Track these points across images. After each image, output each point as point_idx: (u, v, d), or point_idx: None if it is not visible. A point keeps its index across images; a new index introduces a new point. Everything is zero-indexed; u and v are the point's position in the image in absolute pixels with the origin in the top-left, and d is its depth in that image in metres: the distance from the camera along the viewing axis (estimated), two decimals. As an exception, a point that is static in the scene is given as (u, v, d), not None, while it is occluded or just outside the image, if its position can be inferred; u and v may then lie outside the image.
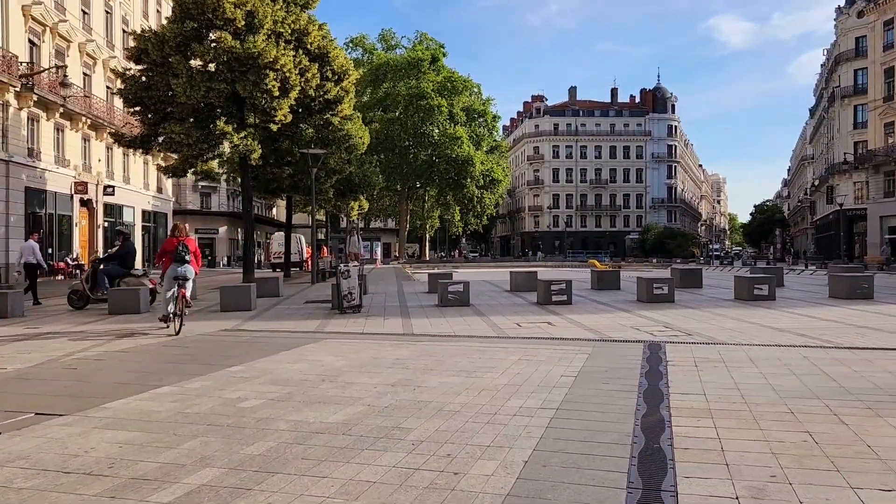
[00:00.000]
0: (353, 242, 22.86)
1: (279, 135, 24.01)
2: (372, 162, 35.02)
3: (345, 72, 22.62)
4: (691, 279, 17.46)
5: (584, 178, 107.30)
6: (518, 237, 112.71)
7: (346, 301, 12.86)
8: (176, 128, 19.79)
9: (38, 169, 30.33)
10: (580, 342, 9.06)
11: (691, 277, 17.64)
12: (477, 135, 71.14)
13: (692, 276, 17.79)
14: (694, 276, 17.97)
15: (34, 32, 30.28)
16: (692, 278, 17.63)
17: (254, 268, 23.06)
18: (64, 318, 12.73)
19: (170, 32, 20.55)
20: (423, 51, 69.49)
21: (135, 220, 42.21)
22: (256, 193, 28.11)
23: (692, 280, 17.53)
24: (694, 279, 17.69)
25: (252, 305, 13.41)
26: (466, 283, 13.95)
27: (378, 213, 77.07)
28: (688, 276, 17.36)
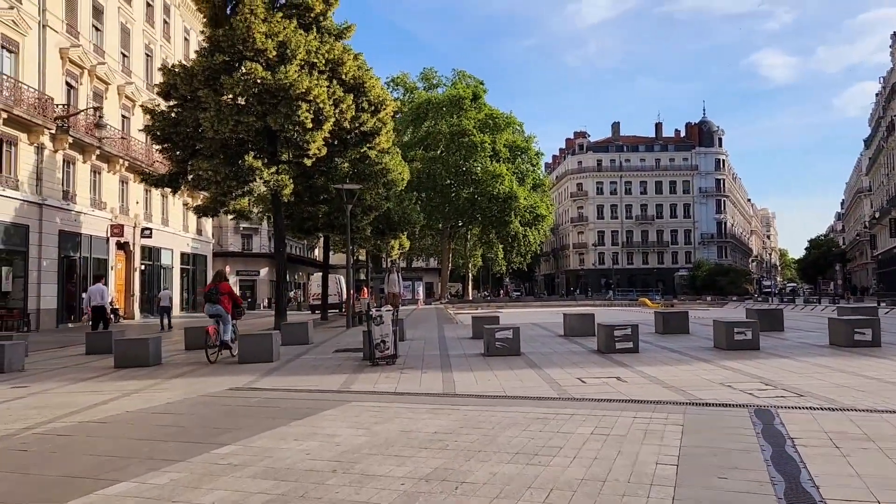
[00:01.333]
0: (393, 281, 21.27)
1: (314, 170, 22.85)
2: (412, 199, 33.68)
3: (382, 102, 21.41)
4: (771, 321, 15.34)
5: (629, 215, 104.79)
6: (562, 275, 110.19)
7: (378, 351, 11.22)
8: (204, 164, 18.71)
9: (72, 212, 29.80)
10: (665, 406, 7.21)
11: (771, 319, 15.52)
12: (520, 171, 69.71)
13: (772, 318, 15.66)
14: (774, 317, 15.83)
15: (71, 75, 30.07)
16: (772, 320, 15.51)
17: (286, 311, 21.67)
18: (65, 374, 11.37)
19: (198, 66, 19.67)
20: (464, 88, 68.91)
21: (173, 262, 41.61)
22: (290, 233, 26.97)
23: (772, 322, 15.41)
24: (774, 321, 15.55)
25: (274, 356, 11.86)
26: (516, 329, 12.18)
27: (420, 253, 75.92)
28: (767, 318, 15.25)
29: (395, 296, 21.48)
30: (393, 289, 21.71)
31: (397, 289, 21.73)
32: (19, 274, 26.59)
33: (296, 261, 72.99)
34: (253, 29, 18.70)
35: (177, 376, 10.42)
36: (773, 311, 16.71)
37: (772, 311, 17.10)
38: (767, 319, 15.31)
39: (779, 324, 15.73)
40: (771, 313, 16.31)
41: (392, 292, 21.75)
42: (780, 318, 16.04)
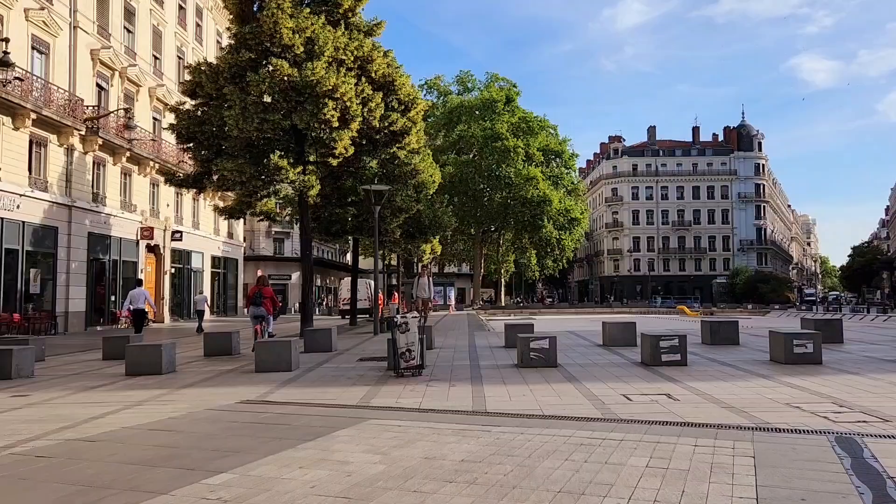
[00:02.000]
0: (422, 286, 20.17)
1: (341, 172, 22.20)
2: (443, 202, 32.88)
3: (412, 101, 20.66)
4: (829, 332, 14.14)
5: (665, 220, 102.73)
6: (596, 282, 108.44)
7: (403, 360, 10.40)
8: (228, 164, 18.14)
9: (102, 214, 29.64)
10: (729, 431, 6.25)
11: (829, 330, 14.31)
12: (554, 175, 68.50)
13: (830, 329, 14.45)
14: (833, 328, 14.62)
15: (102, 77, 29.96)
16: (830, 331, 14.30)
17: (312, 316, 21.00)
18: (74, 381, 10.78)
19: (224, 63, 19.15)
20: (497, 91, 68.08)
21: (204, 266, 41.45)
22: (318, 235, 26.36)
23: (831, 333, 14.19)
24: (833, 332, 14.34)
25: (293, 364, 11.12)
26: (552, 339, 11.25)
27: (452, 258, 75.07)
28: (824, 329, 14.05)
29: (424, 302, 20.45)
30: (422, 294, 20.58)
31: (427, 294, 20.60)
32: (48, 276, 26.42)
33: (327, 265, 72.80)
34: (280, 24, 18.11)
35: (188, 386, 9.73)
36: (832, 322, 15.48)
37: (830, 321, 15.86)
38: (825, 330, 14.12)
39: (838, 335, 14.53)
40: (829, 324, 15.09)
41: (421, 298, 20.75)
42: (839, 328, 14.82)
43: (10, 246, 24.04)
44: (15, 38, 24.19)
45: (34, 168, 25.61)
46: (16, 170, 24.24)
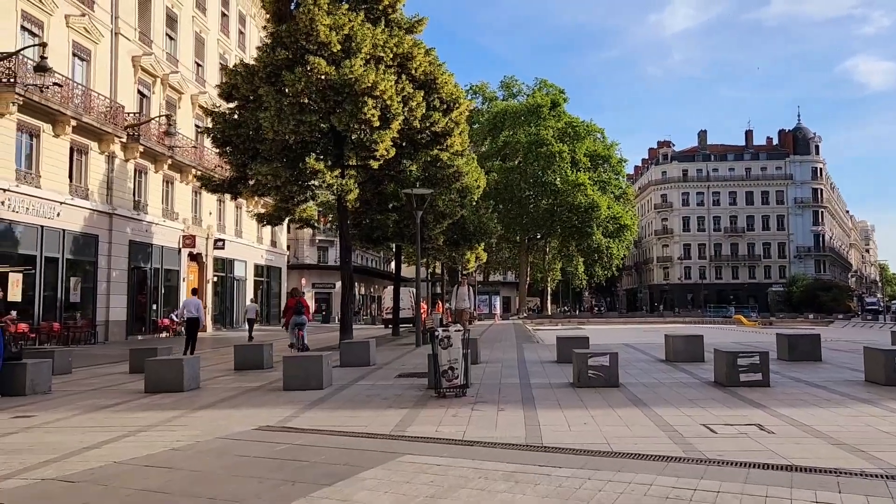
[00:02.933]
0: (462, 295, 18.92)
1: (382, 176, 21.23)
2: (488, 207, 31.73)
3: (455, 101, 19.58)
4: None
5: (717, 227, 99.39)
6: (646, 290, 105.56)
7: (445, 379, 9.27)
8: (263, 168, 17.34)
9: (143, 222, 29.34)
10: (852, 480, 4.93)
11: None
12: (602, 180, 66.66)
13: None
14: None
15: (144, 83, 29.74)
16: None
17: (352, 326, 20.05)
18: (87, 399, 9.95)
19: (259, 63, 18.41)
20: (543, 97, 66.72)
21: (246, 274, 41.07)
22: (358, 242, 25.49)
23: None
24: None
25: (324, 382, 10.07)
26: (613, 356, 9.97)
27: (497, 266, 73.78)
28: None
29: (464, 313, 19.17)
30: (462, 304, 19.29)
31: (468, 304, 19.42)
32: (88, 285, 26.13)
33: (371, 273, 72.28)
34: (316, 21, 17.27)
35: (206, 406, 8.77)
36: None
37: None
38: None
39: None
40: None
41: (461, 308, 19.45)
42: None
43: (50, 254, 23.78)
44: (56, 44, 24.01)
45: (75, 175, 25.37)
46: (56, 177, 24.00)
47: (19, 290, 22.53)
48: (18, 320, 22.01)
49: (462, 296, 19.04)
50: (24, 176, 22.54)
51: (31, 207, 22.58)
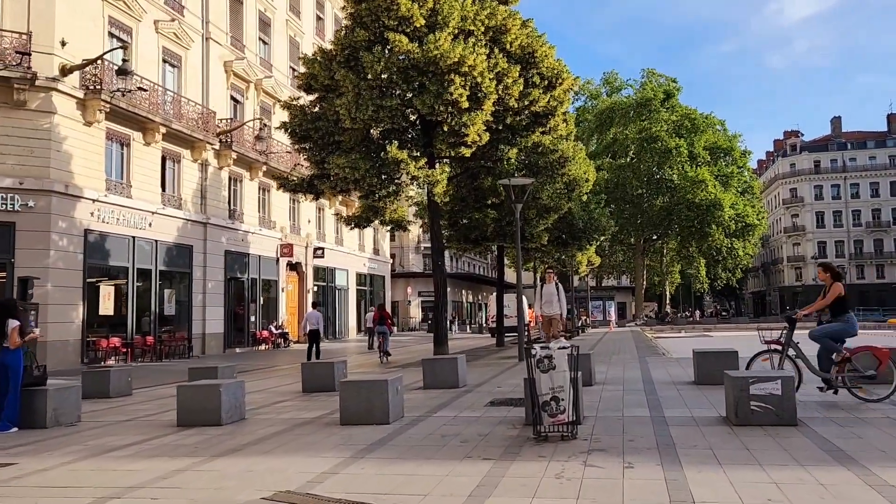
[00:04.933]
0: (548, 296, 14.97)
1: (478, 168, 18.98)
2: (600, 202, 28.74)
3: (557, 76, 16.99)
4: None
5: (857, 222, 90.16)
6: (775, 293, 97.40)
7: (547, 414, 6.78)
8: (340, 160, 15.48)
9: (239, 231, 28.55)
10: None
11: None
12: (724, 175, 61.36)
13: None
14: None
15: (236, 89, 29.05)
16: None
17: (446, 338, 17.83)
18: (109, 433, 8.21)
19: (336, 46, 16.63)
20: (654, 88, 62.44)
21: (348, 283, 39.96)
22: (455, 244, 23.31)
23: None
24: None
25: (390, 414, 7.81)
26: (788, 381, 7.09)
27: (611, 270, 69.79)
28: None
29: (551, 320, 15.11)
30: (549, 309, 15.06)
31: (556, 308, 15.12)
32: (183, 297, 25.45)
33: (478, 280, 70.25)
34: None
35: (232, 451, 6.72)
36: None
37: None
38: None
39: None
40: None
41: (549, 315, 15.14)
42: None
43: (142, 266, 23.16)
44: (145, 50, 23.49)
45: (167, 184, 24.78)
46: (148, 186, 23.40)
47: (111, 302, 21.98)
48: (111, 333, 21.41)
49: (549, 296, 15.10)
50: (114, 186, 22.00)
51: (121, 218, 21.99)
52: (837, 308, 8.61)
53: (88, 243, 20.64)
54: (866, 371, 8.34)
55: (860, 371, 8.36)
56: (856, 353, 8.45)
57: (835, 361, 8.42)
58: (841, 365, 8.40)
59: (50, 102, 19.38)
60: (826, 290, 8.71)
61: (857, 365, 8.36)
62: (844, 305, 8.64)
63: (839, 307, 8.60)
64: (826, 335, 8.55)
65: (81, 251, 20.32)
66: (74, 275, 20.00)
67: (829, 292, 8.60)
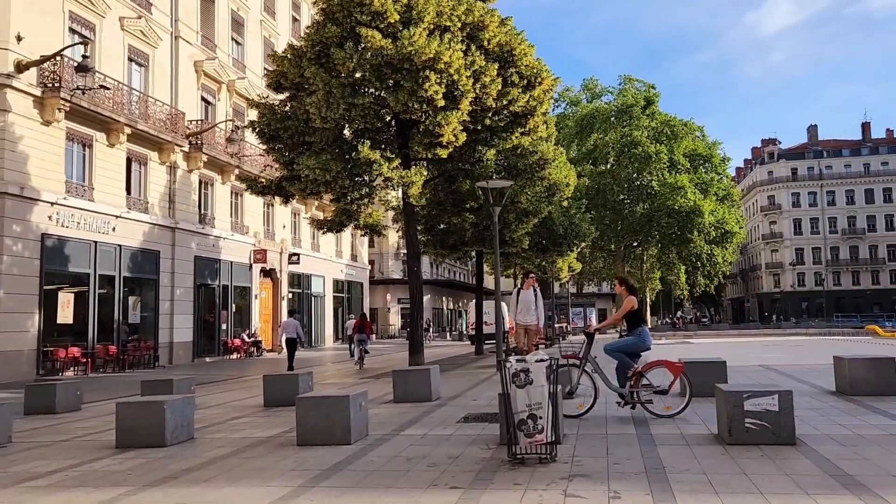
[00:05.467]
0: (525, 304, 13.40)
1: (455, 171, 18.33)
2: (580, 207, 28.21)
3: (536, 75, 16.39)
4: None
5: (833, 229, 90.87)
6: (754, 299, 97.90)
7: (523, 433, 6.11)
8: (310, 161, 14.73)
9: (210, 236, 27.62)
10: None
11: None
12: (703, 182, 61.39)
13: None
14: None
15: (208, 90, 28.17)
16: None
17: (422, 347, 17.11)
18: (38, 457, 7.40)
19: (306, 42, 15.92)
20: (634, 94, 62.42)
21: (325, 290, 39.09)
22: (433, 249, 22.61)
23: None
24: None
25: (352, 433, 7.08)
26: (785, 396, 6.48)
27: (591, 277, 69.46)
28: None
29: (529, 331, 13.46)
30: (525, 319, 13.41)
31: (535, 317, 13.41)
32: (150, 304, 24.47)
33: (458, 287, 69.59)
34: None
35: (166, 479, 5.96)
36: None
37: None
38: None
39: None
40: None
41: (525, 324, 13.50)
42: None
43: (105, 272, 22.18)
44: (109, 48, 22.60)
45: (133, 187, 23.84)
46: (112, 189, 22.46)
47: (71, 311, 20.99)
48: (71, 343, 20.43)
49: (526, 304, 13.34)
50: (75, 188, 21.04)
51: (83, 222, 21.03)
52: (632, 322, 8.54)
53: (46, 248, 19.66)
54: (659, 386, 8.23)
55: (654, 386, 8.22)
56: (650, 367, 8.30)
57: (627, 376, 8.28)
58: (635, 380, 8.23)
59: (4, 100, 18.43)
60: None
61: (650, 380, 8.24)
62: (638, 319, 8.58)
63: (634, 321, 8.53)
64: (619, 349, 8.44)
65: (38, 256, 19.35)
66: (30, 281, 19.03)
67: (623, 305, 8.56)
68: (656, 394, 8.22)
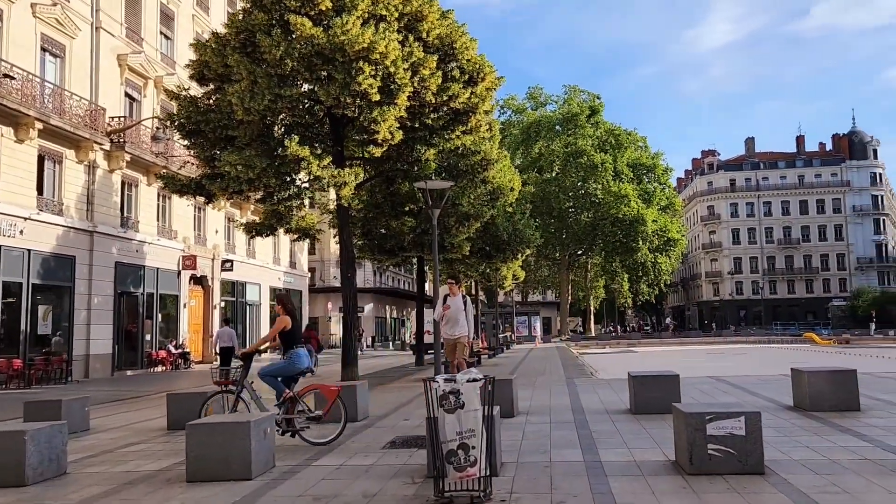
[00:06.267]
0: (452, 314, 10.97)
1: (394, 172, 17.28)
2: (524, 213, 27.53)
3: (478, 70, 15.53)
4: None
5: (770, 238, 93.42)
6: (694, 307, 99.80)
7: (453, 466, 5.11)
8: (232, 157, 13.50)
9: (133, 241, 25.82)
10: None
11: None
12: (647, 192, 62.01)
13: None
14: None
15: (133, 85, 26.44)
16: None
17: (356, 359, 15.98)
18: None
19: (231, 29, 14.69)
20: (580, 104, 62.74)
21: (261, 298, 37.43)
22: (369, 254, 21.52)
23: None
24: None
25: (252, 467, 5.96)
26: (753, 419, 5.65)
27: (536, 285, 69.37)
28: None
29: (456, 345, 11.10)
30: (455, 330, 11.05)
31: (464, 329, 11.06)
32: (64, 313, 22.59)
33: (402, 295, 68.40)
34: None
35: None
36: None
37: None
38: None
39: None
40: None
41: (453, 337, 11.14)
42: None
43: (10, 279, 20.26)
44: (18, 35, 20.78)
45: (46, 188, 22.00)
46: (20, 189, 20.59)
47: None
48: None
49: (453, 314, 10.95)
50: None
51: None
52: (286, 344, 8.14)
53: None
54: (314, 412, 7.86)
55: (308, 412, 7.80)
56: (305, 392, 7.92)
57: (278, 402, 7.79)
58: (290, 405, 7.71)
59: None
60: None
61: (304, 405, 7.81)
62: (291, 340, 8.15)
63: (288, 342, 8.12)
64: (270, 374, 7.99)
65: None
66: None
67: (275, 325, 8.22)
68: (310, 420, 7.67)
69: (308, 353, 8.53)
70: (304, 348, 8.41)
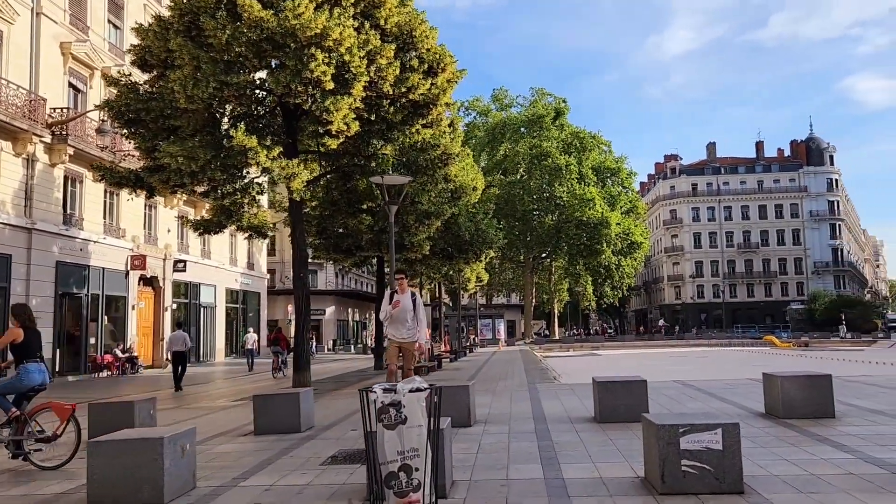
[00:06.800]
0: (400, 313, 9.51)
1: (352, 167, 16.47)
2: (487, 213, 26.90)
3: (438, 61, 14.84)
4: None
5: (730, 243, 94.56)
6: (656, 310, 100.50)
7: (393, 490, 4.40)
8: (174, 148, 12.59)
9: (77, 240, 24.55)
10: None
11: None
12: (611, 195, 62.10)
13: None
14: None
15: (77, 76, 25.17)
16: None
17: (308, 363, 15.13)
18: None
19: (174, 12, 13.76)
20: (545, 106, 62.57)
21: (216, 301, 36.18)
22: (325, 253, 20.66)
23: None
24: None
25: (165, 491, 5.16)
26: (731, 431, 5.04)
27: (500, 288, 68.93)
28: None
29: (402, 348, 9.70)
30: (402, 332, 9.60)
31: (414, 332, 9.60)
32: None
33: (364, 298, 67.35)
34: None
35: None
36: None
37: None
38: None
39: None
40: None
41: (402, 340, 9.65)
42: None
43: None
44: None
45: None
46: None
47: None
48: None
49: (400, 313, 9.53)
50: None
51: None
52: (17, 358, 7.41)
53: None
54: (43, 432, 7.35)
55: (37, 433, 7.31)
56: (36, 411, 7.43)
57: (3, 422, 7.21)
58: (20, 426, 7.17)
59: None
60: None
61: (35, 426, 7.32)
62: (23, 355, 7.40)
63: (20, 356, 7.39)
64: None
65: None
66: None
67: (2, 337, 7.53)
68: (40, 441, 7.21)
69: (44, 370, 7.60)
70: (39, 364, 7.60)
